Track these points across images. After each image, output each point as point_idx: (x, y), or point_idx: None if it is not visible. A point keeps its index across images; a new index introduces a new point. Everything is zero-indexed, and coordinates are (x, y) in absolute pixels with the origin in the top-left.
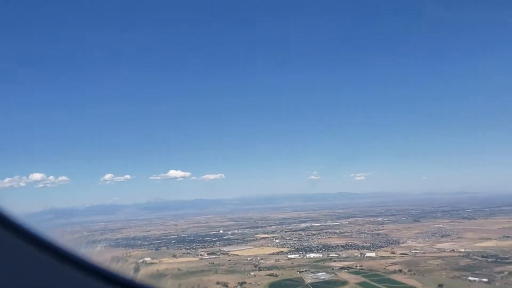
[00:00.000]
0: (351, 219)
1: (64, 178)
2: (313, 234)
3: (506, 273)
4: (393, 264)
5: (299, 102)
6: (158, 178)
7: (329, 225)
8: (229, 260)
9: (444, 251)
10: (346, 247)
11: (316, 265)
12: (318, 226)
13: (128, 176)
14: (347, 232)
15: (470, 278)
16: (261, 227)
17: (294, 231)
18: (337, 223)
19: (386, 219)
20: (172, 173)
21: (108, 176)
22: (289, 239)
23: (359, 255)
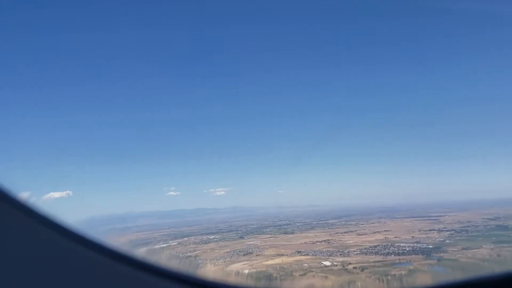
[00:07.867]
0: (185, 239)
1: None
2: None
3: None
4: None
5: (153, 117)
6: None
7: (155, 249)
8: None
9: (229, 275)
10: None
11: None
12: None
13: None
14: (162, 256)
15: None
16: None
17: None
18: (167, 245)
19: (217, 237)
20: None
21: None
22: None
23: None
